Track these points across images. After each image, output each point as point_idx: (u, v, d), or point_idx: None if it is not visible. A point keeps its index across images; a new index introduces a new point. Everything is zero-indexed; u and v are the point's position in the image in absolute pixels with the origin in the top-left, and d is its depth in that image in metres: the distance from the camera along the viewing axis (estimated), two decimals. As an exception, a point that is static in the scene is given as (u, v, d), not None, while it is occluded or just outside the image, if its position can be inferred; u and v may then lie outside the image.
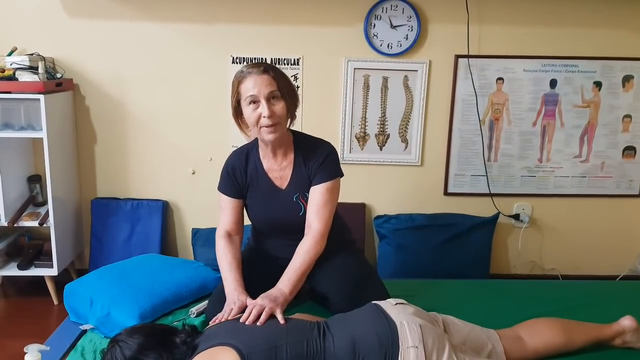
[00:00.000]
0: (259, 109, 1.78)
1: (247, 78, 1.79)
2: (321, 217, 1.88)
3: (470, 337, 1.67)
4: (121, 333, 1.52)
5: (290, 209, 1.93)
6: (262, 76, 1.78)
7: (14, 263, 2.87)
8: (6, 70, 2.63)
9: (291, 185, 1.93)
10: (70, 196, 2.96)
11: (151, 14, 2.85)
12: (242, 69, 1.83)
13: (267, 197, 1.95)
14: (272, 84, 1.79)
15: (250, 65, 1.83)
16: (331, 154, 1.94)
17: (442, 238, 2.99)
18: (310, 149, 1.94)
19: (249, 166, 1.96)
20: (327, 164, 1.91)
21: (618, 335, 1.81)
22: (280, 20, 2.87)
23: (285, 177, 1.94)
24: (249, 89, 1.78)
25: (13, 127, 2.69)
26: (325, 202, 1.89)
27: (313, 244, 1.85)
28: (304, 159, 1.92)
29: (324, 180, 1.89)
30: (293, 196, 1.93)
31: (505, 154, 3.06)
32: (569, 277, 3.19)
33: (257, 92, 1.77)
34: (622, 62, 2.96)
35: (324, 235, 1.88)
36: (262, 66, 1.81)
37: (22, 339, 1.92)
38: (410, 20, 2.86)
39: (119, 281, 2.05)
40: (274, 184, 1.94)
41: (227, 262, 1.89)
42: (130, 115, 2.97)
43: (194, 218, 3.11)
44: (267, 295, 1.69)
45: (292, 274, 1.80)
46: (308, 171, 1.91)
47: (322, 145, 1.96)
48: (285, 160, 1.94)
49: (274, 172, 1.94)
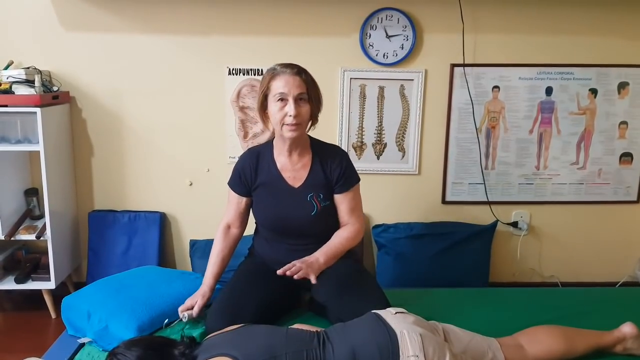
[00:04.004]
0: (286, 107, 1.86)
1: (280, 76, 1.88)
2: (356, 217, 2.04)
3: (470, 346, 1.67)
4: (119, 346, 1.51)
5: (303, 207, 1.98)
6: (295, 77, 1.87)
7: (11, 277, 2.86)
8: (2, 84, 2.63)
9: (306, 185, 2.00)
10: (67, 209, 2.95)
11: (147, 26, 2.86)
12: (275, 66, 1.92)
13: (279, 194, 2.00)
14: (302, 87, 1.88)
15: (285, 64, 1.91)
16: (349, 164, 2.06)
17: (441, 246, 2.98)
18: (327, 154, 2.04)
19: (260, 165, 2.03)
20: (350, 174, 2.04)
21: (619, 342, 1.81)
22: (276, 31, 2.88)
23: (300, 177, 2.00)
24: (280, 87, 1.86)
25: (9, 141, 2.68)
26: (355, 205, 2.04)
27: (353, 234, 2.00)
28: (322, 162, 2.02)
29: (349, 188, 2.02)
30: (307, 195, 1.99)
31: (502, 162, 3.07)
32: (568, 284, 3.19)
33: (287, 91, 1.85)
34: (617, 69, 2.97)
35: (362, 231, 2.04)
36: (296, 68, 1.90)
37: (20, 353, 1.92)
38: (405, 30, 2.87)
39: (116, 294, 2.04)
40: (287, 182, 2.00)
41: (214, 254, 2.05)
42: (126, 128, 2.97)
43: (192, 229, 3.10)
44: (303, 260, 1.82)
45: (329, 248, 1.94)
46: (328, 175, 2.01)
47: (339, 153, 2.08)
48: (301, 162, 2.01)
49: (287, 171, 2.00)
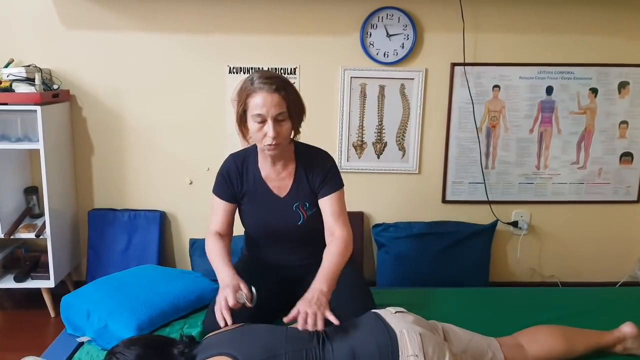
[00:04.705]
0: (265, 127, 1.75)
1: (257, 93, 1.74)
2: (342, 223, 1.88)
3: (470, 346, 1.67)
4: (118, 345, 1.51)
5: (289, 218, 1.93)
6: (273, 95, 1.73)
7: (11, 275, 2.86)
8: (3, 82, 2.63)
9: (291, 194, 1.93)
10: (67, 207, 2.95)
11: (147, 24, 2.86)
12: (253, 78, 1.77)
13: (265, 205, 1.94)
14: (281, 105, 1.74)
15: (262, 78, 1.75)
16: (333, 167, 1.94)
17: (441, 246, 2.98)
18: (311, 161, 1.94)
19: (245, 173, 1.94)
20: (331, 177, 1.91)
21: (619, 341, 1.81)
22: (276, 30, 2.88)
23: (285, 186, 1.93)
24: (258, 106, 1.73)
25: (9, 139, 2.68)
26: (339, 210, 1.90)
27: (342, 248, 1.82)
28: (306, 170, 1.92)
29: (332, 192, 1.90)
30: (292, 205, 1.92)
31: (502, 161, 3.06)
32: (568, 284, 3.18)
33: (265, 112, 1.73)
34: (617, 69, 2.96)
35: (350, 239, 1.87)
36: (275, 84, 1.74)
37: (19, 352, 1.91)
38: (406, 29, 2.87)
39: (116, 293, 2.04)
40: (272, 192, 1.93)
41: (218, 254, 1.85)
42: (127, 126, 2.97)
43: (192, 228, 3.10)
44: (308, 300, 1.61)
45: (326, 273, 1.73)
46: (311, 183, 1.92)
47: (323, 158, 1.96)
48: (285, 171, 1.93)
49: (272, 180, 1.94)
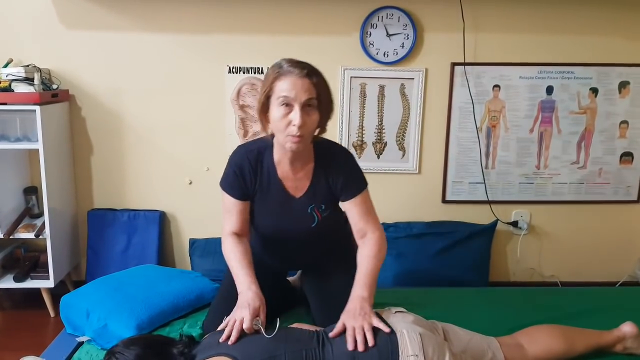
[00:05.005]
0: (291, 114, 1.60)
1: (285, 76, 1.61)
2: (372, 224, 1.80)
3: (470, 345, 1.66)
4: (118, 344, 1.51)
5: (303, 220, 1.81)
6: (303, 80, 1.60)
7: (10, 275, 2.86)
8: (2, 82, 2.62)
9: (307, 195, 1.80)
10: (67, 207, 2.95)
11: (147, 24, 2.85)
12: (282, 63, 1.65)
13: (279, 205, 1.81)
14: (311, 91, 1.61)
15: (293, 62, 1.64)
16: (354, 167, 1.83)
17: (441, 246, 2.98)
18: (331, 161, 1.80)
19: (260, 169, 1.79)
20: (354, 178, 1.81)
21: (619, 341, 1.81)
22: (276, 29, 2.87)
23: (302, 187, 1.80)
24: (285, 89, 1.59)
25: (8, 139, 2.68)
26: (367, 210, 1.81)
27: (377, 250, 1.76)
28: (325, 171, 1.80)
29: (357, 194, 1.79)
30: (308, 207, 1.80)
31: (502, 161, 3.06)
32: (568, 283, 3.18)
33: (294, 96, 1.59)
34: (618, 69, 2.96)
35: (383, 239, 1.80)
36: (307, 68, 1.63)
37: (18, 352, 1.91)
38: (406, 28, 2.87)
39: (115, 292, 2.04)
40: (288, 191, 1.80)
41: (237, 259, 1.74)
42: (126, 126, 2.96)
43: (191, 228, 3.09)
44: (352, 312, 1.56)
45: (364, 278, 1.68)
46: (332, 185, 1.80)
47: (343, 157, 1.83)
48: (303, 170, 1.80)
49: (288, 180, 1.79)
